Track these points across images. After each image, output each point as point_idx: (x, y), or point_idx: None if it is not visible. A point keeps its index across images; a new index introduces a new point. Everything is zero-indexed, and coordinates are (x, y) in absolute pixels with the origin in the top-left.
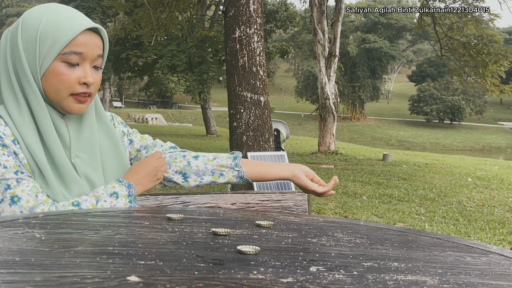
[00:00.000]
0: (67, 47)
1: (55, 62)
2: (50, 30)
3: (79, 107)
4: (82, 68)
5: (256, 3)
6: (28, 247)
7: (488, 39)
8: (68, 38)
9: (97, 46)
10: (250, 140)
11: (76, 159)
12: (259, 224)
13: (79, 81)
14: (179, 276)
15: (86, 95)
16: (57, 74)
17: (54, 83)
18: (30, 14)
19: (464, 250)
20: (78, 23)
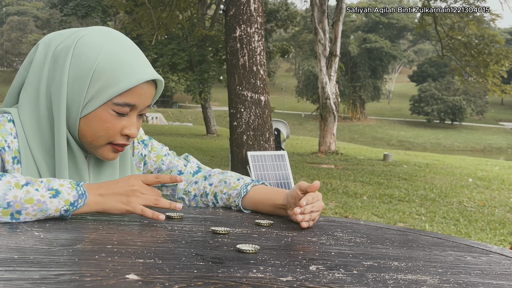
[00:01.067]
0: (121, 96)
1: (104, 107)
2: (107, 69)
3: (114, 157)
4: (129, 118)
5: (257, 2)
6: (27, 245)
7: (489, 39)
8: (126, 86)
9: (151, 96)
10: (251, 140)
11: None
12: (258, 223)
13: (121, 132)
14: (178, 275)
15: (124, 145)
16: (102, 121)
17: (96, 129)
18: (87, 41)
19: (465, 249)
20: (141, 71)
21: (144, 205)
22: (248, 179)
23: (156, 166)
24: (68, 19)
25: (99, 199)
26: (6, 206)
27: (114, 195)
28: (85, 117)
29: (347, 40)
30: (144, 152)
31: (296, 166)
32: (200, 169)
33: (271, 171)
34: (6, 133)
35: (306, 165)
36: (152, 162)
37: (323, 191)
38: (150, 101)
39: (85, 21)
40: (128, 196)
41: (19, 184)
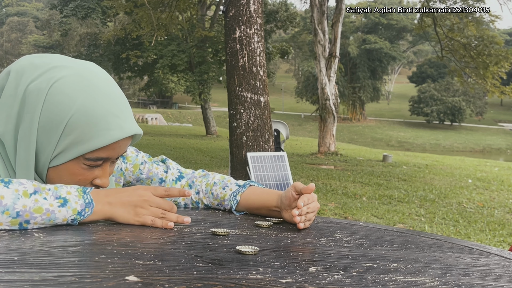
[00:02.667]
0: (94, 152)
1: (75, 161)
2: (80, 125)
3: None
4: (101, 169)
5: (256, 3)
6: (27, 246)
7: (488, 41)
8: (99, 145)
9: (126, 146)
10: (250, 141)
11: None
12: (258, 224)
13: (92, 181)
14: (178, 276)
15: None
16: (72, 174)
17: (65, 180)
18: (62, 89)
19: (464, 251)
20: (117, 127)
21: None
22: (234, 184)
23: (135, 176)
24: (68, 20)
25: (107, 208)
26: (16, 215)
27: (122, 205)
28: (54, 168)
29: (347, 41)
30: (122, 166)
31: (295, 167)
32: (181, 174)
33: (270, 172)
34: None
35: (306, 166)
36: (130, 173)
37: (323, 192)
38: (124, 149)
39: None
40: (136, 207)
41: (27, 192)
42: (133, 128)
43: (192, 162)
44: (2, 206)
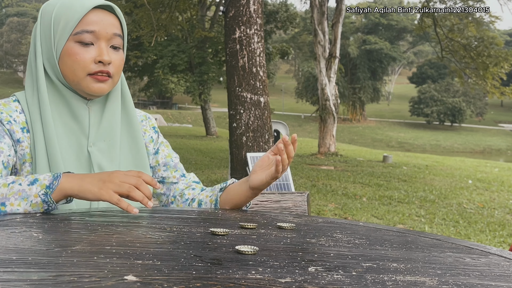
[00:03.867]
0: (78, 26)
1: (69, 43)
2: (62, 12)
3: (99, 87)
4: (97, 47)
5: (256, 3)
6: (25, 246)
7: (488, 41)
8: (79, 16)
9: (111, 24)
10: (250, 141)
11: (93, 147)
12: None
13: (94, 60)
14: (177, 276)
15: (103, 73)
16: (71, 54)
17: (69, 64)
18: (47, 3)
19: (464, 251)
20: (88, 1)
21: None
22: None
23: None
24: None
25: (75, 181)
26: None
27: (92, 179)
28: (60, 59)
29: (347, 41)
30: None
31: (295, 167)
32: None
33: None
34: (11, 110)
35: (306, 166)
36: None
37: (323, 193)
38: (113, 29)
39: None
40: (105, 182)
41: (6, 183)
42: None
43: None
44: None
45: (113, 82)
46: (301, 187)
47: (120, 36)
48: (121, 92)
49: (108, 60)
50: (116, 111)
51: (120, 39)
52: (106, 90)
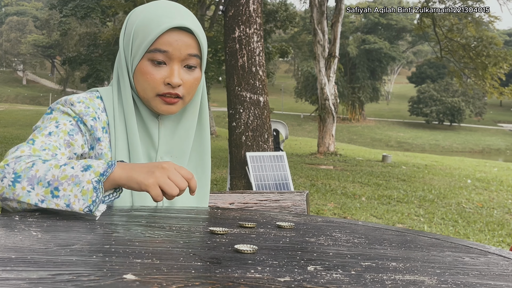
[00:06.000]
0: (152, 45)
1: (143, 61)
2: (141, 28)
3: (167, 108)
4: (169, 67)
5: (256, 3)
6: (24, 244)
7: (488, 41)
8: (153, 36)
9: (186, 45)
10: (249, 140)
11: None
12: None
13: (164, 81)
14: (176, 275)
15: (172, 96)
16: (143, 73)
17: (141, 82)
18: (135, 11)
19: (463, 250)
20: (166, 21)
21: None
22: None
23: None
24: (67, 20)
25: (126, 170)
26: (47, 185)
27: (141, 169)
28: (134, 75)
29: (346, 41)
30: None
31: (295, 167)
32: None
33: (269, 172)
34: (95, 107)
35: (305, 166)
36: None
37: (322, 192)
38: (188, 49)
39: (84, 22)
40: (153, 173)
41: (58, 165)
42: (183, 21)
43: None
44: (36, 178)
45: (183, 103)
46: (300, 187)
47: (197, 56)
48: (200, 108)
49: (178, 82)
50: (190, 128)
51: (197, 59)
52: (174, 111)
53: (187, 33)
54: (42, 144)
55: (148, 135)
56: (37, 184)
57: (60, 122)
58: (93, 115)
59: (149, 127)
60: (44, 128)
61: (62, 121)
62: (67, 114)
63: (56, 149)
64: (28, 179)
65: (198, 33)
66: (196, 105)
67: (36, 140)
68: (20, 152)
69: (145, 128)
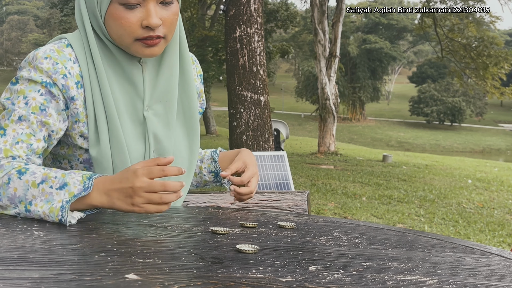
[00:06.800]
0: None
1: (112, 5)
2: None
3: (150, 51)
4: (143, 8)
5: (256, 2)
6: (27, 244)
7: (489, 41)
8: None
9: None
10: (250, 140)
11: (149, 111)
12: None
13: (141, 24)
14: (178, 275)
15: (153, 38)
16: (115, 18)
17: (115, 29)
18: None
19: (464, 251)
20: None
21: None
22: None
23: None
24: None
25: (104, 198)
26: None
27: (119, 194)
28: (105, 21)
29: (347, 40)
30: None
31: (295, 166)
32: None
33: (270, 172)
34: (65, 59)
35: (306, 165)
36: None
37: (322, 192)
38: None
39: None
40: (132, 198)
41: (36, 183)
42: None
43: None
44: (16, 197)
45: (165, 42)
46: (301, 186)
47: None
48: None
49: (157, 23)
50: (174, 67)
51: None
52: (158, 52)
53: None
54: (14, 135)
55: (130, 83)
56: (19, 203)
57: (29, 97)
58: (62, 71)
59: (130, 75)
60: (12, 110)
61: (31, 94)
62: (33, 82)
63: (30, 137)
64: (9, 198)
65: None
66: (176, 40)
67: (7, 130)
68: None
69: (126, 76)
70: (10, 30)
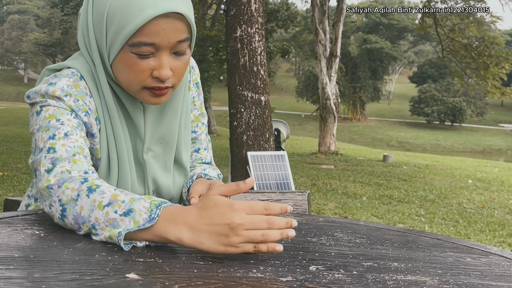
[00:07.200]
0: (135, 36)
1: (124, 52)
2: (117, 11)
3: (157, 100)
4: (156, 59)
5: (257, 2)
6: (27, 243)
7: (489, 41)
8: (135, 26)
9: (176, 31)
10: (250, 140)
11: (149, 153)
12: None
13: (151, 73)
14: (178, 274)
15: (161, 89)
16: (126, 64)
17: (124, 73)
18: None
19: (464, 251)
20: (151, 5)
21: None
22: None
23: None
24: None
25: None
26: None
27: (210, 233)
28: (114, 63)
29: (348, 40)
30: (194, 94)
31: (296, 166)
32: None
33: (271, 171)
34: (83, 95)
35: (306, 165)
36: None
37: (323, 192)
38: (178, 35)
39: None
40: (228, 237)
41: (102, 204)
42: (170, 5)
43: None
44: (81, 217)
45: (173, 90)
46: (301, 186)
47: (187, 39)
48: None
49: (168, 76)
50: (177, 109)
51: (187, 42)
52: (164, 101)
53: (175, 15)
54: (67, 149)
55: (131, 124)
56: (82, 224)
57: (63, 119)
58: (84, 109)
59: (133, 116)
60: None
61: (64, 117)
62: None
63: (82, 150)
64: (74, 217)
65: (188, 14)
66: (182, 83)
67: (56, 147)
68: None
69: (128, 116)
70: (11, 29)
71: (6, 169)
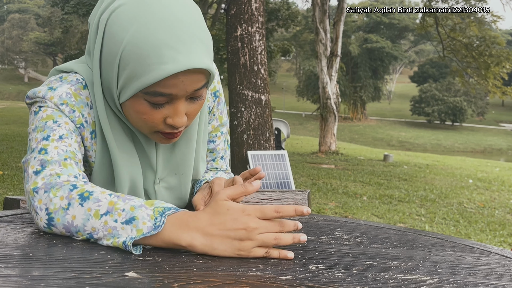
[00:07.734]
0: (151, 86)
1: (136, 98)
2: (133, 58)
3: (168, 142)
4: (171, 106)
5: (258, 1)
6: (26, 241)
7: (490, 41)
8: (152, 80)
9: (195, 81)
10: (251, 139)
11: (161, 184)
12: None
13: (165, 121)
14: (178, 273)
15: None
16: (138, 112)
17: (134, 118)
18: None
19: (465, 250)
20: (170, 60)
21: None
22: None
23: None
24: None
25: (199, 237)
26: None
27: (223, 238)
28: (123, 105)
29: (348, 40)
30: (211, 105)
31: (296, 166)
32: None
33: (271, 171)
34: (82, 105)
35: (306, 165)
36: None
37: (323, 191)
38: (196, 85)
39: (86, 19)
40: (242, 241)
41: (99, 213)
42: (191, 61)
43: None
44: (73, 227)
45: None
46: (302, 186)
47: (205, 84)
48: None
49: (183, 123)
50: (192, 139)
51: (204, 88)
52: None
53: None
54: (59, 152)
55: (143, 155)
56: (76, 233)
57: (61, 121)
58: (79, 121)
59: (144, 146)
60: (50, 130)
61: (62, 119)
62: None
63: (75, 155)
64: (65, 226)
65: (209, 65)
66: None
67: (49, 148)
68: (50, 170)
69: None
70: (11, 28)
71: (6, 168)
